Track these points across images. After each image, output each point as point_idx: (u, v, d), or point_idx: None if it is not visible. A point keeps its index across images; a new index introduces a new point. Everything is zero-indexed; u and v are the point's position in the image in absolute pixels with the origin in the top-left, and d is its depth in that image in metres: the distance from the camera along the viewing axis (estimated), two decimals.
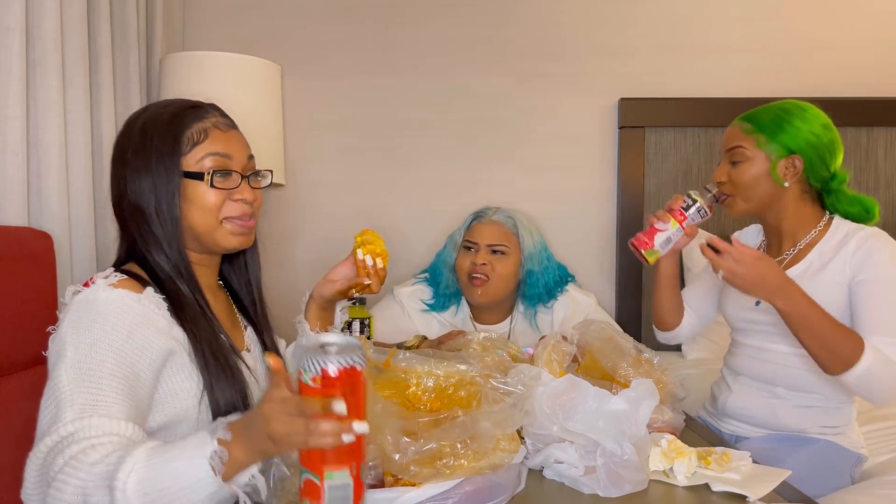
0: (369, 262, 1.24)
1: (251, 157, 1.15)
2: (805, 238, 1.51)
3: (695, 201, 1.46)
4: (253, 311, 1.24)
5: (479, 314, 2.02)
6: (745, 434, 1.56)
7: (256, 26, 2.40)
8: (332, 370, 0.78)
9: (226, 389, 1.04)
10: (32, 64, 1.57)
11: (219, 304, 1.18)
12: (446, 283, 1.99)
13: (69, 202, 1.67)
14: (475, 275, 1.91)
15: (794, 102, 1.51)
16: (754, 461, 1.15)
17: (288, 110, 2.37)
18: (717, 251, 1.36)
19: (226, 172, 1.09)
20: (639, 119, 2.33)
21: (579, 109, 2.39)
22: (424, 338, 1.72)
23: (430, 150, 2.42)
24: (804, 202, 1.51)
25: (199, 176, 1.08)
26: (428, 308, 2.01)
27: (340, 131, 2.42)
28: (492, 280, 1.91)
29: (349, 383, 0.79)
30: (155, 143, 1.08)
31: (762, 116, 1.50)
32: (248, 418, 0.83)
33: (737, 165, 1.50)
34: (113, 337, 0.94)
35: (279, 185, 2.31)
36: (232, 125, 1.15)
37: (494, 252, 1.92)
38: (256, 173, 1.16)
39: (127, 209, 1.09)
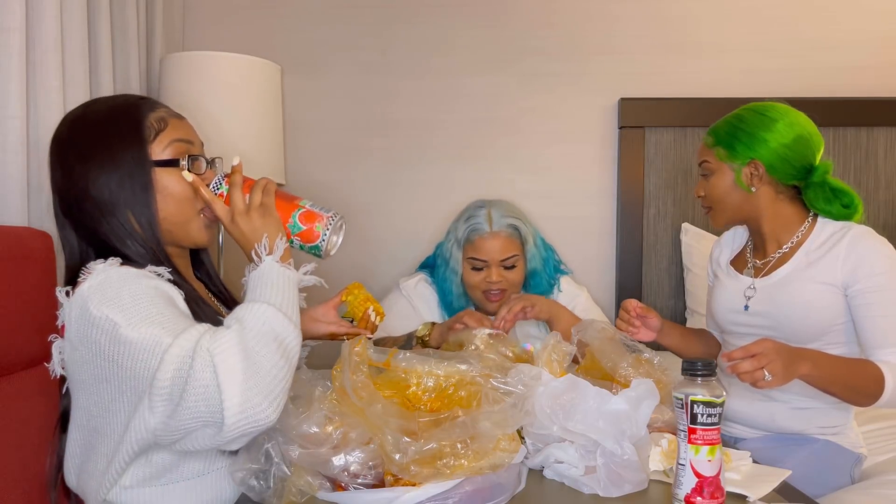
0: (372, 317, 1.31)
1: (202, 144, 1.14)
2: (790, 240, 1.49)
3: (710, 402, 0.93)
4: (221, 300, 1.24)
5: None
6: (744, 436, 1.56)
7: (256, 26, 2.40)
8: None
9: None
10: (32, 64, 1.57)
11: (202, 293, 1.18)
12: (456, 295, 1.94)
13: None
14: (493, 291, 1.87)
15: (753, 107, 1.50)
16: (754, 461, 1.15)
17: (288, 110, 2.37)
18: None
19: (194, 157, 1.08)
20: (639, 119, 2.33)
21: (579, 109, 2.39)
22: (433, 324, 1.72)
23: (429, 150, 2.41)
24: (781, 203, 1.50)
25: (173, 163, 1.06)
26: (437, 302, 1.99)
27: (340, 131, 2.42)
28: (508, 290, 1.89)
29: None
30: (117, 134, 1.04)
31: (720, 128, 1.51)
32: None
33: (708, 178, 1.53)
34: (146, 292, 0.93)
35: (279, 185, 2.31)
36: (181, 115, 1.13)
37: (506, 268, 1.88)
38: (212, 161, 1.14)
39: (89, 206, 1.04)
